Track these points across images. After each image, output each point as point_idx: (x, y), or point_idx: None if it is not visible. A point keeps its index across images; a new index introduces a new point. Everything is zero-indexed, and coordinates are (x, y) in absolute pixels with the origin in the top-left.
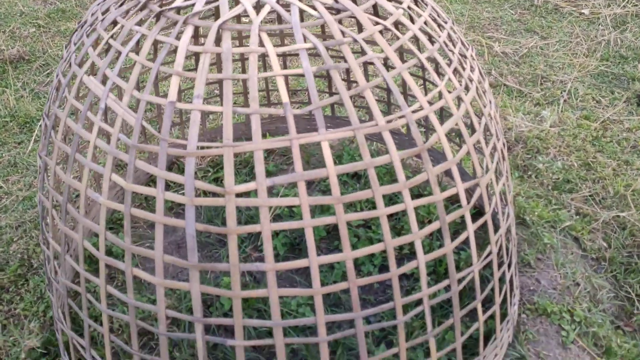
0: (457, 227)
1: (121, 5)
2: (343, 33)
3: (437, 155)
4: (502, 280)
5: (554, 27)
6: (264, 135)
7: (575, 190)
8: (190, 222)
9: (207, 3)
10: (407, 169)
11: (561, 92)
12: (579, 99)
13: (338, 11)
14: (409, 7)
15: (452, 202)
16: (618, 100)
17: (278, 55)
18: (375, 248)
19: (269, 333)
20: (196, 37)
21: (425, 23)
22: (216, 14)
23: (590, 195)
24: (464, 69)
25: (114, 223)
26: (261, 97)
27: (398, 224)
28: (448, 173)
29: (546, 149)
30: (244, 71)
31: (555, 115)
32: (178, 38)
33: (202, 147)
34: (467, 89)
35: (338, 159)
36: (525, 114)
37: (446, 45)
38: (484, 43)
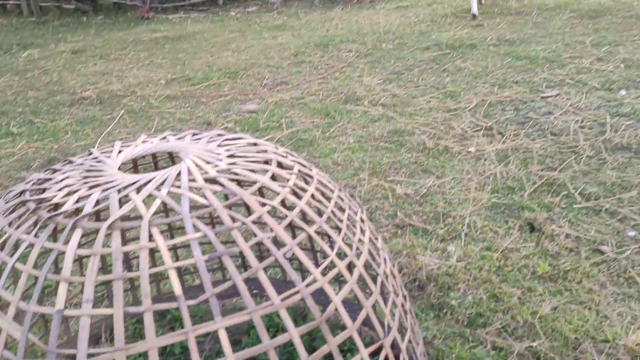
0: None
1: (11, 213)
2: (233, 218)
3: (353, 307)
4: None
5: (447, 166)
6: None
7: (488, 324)
8: None
9: (97, 203)
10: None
11: (462, 227)
12: (479, 231)
13: (226, 197)
14: (295, 185)
15: None
16: (512, 229)
17: (171, 247)
18: None
19: None
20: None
21: (312, 196)
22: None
23: (502, 327)
24: (354, 233)
25: None
26: None
27: None
28: (366, 322)
29: (456, 285)
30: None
31: (460, 250)
32: (67, 242)
33: (93, 355)
34: (358, 252)
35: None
36: (433, 251)
37: (334, 214)
38: (386, 187)
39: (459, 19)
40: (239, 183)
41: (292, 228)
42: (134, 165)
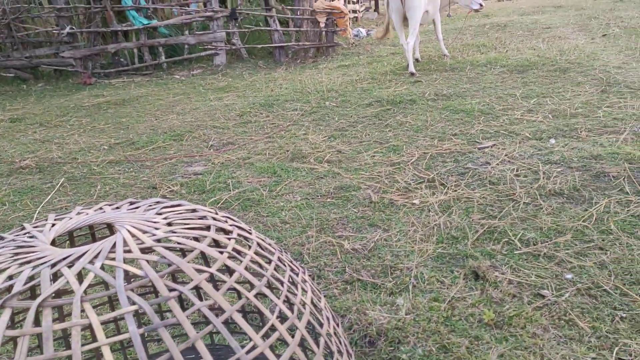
0: None
1: None
2: (169, 287)
3: None
4: None
5: (393, 219)
6: None
7: None
8: None
9: (29, 280)
10: None
11: (409, 279)
12: (426, 282)
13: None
14: (233, 249)
15: None
16: (458, 278)
17: (104, 323)
18: None
19: None
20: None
21: (252, 260)
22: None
23: None
24: (295, 295)
25: None
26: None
27: None
28: None
29: (406, 338)
30: None
31: (408, 302)
32: None
33: None
34: (300, 314)
35: None
36: (382, 306)
37: (275, 277)
38: (334, 243)
39: (397, 76)
40: (182, 250)
41: (237, 290)
42: (70, 238)
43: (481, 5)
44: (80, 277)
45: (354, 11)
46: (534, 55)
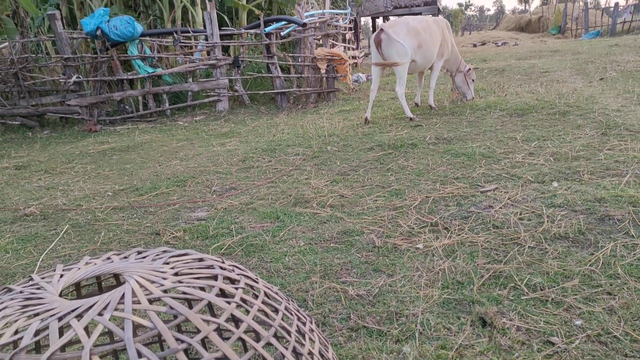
0: None
1: None
2: (178, 339)
3: None
4: None
5: (397, 264)
6: None
7: None
8: None
9: (37, 334)
10: None
11: (415, 325)
12: (432, 329)
13: (175, 316)
14: (241, 299)
15: None
16: (465, 324)
17: None
18: None
19: None
20: None
21: (259, 310)
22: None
23: None
24: (303, 345)
25: None
26: None
27: None
28: None
29: None
30: None
31: (415, 350)
32: None
33: None
34: None
35: None
36: (388, 354)
37: (282, 327)
38: (339, 289)
39: (398, 120)
40: (187, 300)
41: (243, 340)
42: (77, 288)
43: (472, 97)
44: (86, 328)
45: (354, 57)
46: (533, 98)
